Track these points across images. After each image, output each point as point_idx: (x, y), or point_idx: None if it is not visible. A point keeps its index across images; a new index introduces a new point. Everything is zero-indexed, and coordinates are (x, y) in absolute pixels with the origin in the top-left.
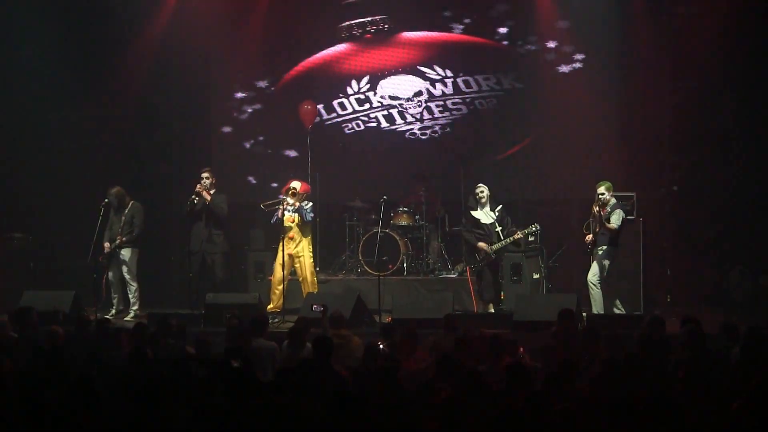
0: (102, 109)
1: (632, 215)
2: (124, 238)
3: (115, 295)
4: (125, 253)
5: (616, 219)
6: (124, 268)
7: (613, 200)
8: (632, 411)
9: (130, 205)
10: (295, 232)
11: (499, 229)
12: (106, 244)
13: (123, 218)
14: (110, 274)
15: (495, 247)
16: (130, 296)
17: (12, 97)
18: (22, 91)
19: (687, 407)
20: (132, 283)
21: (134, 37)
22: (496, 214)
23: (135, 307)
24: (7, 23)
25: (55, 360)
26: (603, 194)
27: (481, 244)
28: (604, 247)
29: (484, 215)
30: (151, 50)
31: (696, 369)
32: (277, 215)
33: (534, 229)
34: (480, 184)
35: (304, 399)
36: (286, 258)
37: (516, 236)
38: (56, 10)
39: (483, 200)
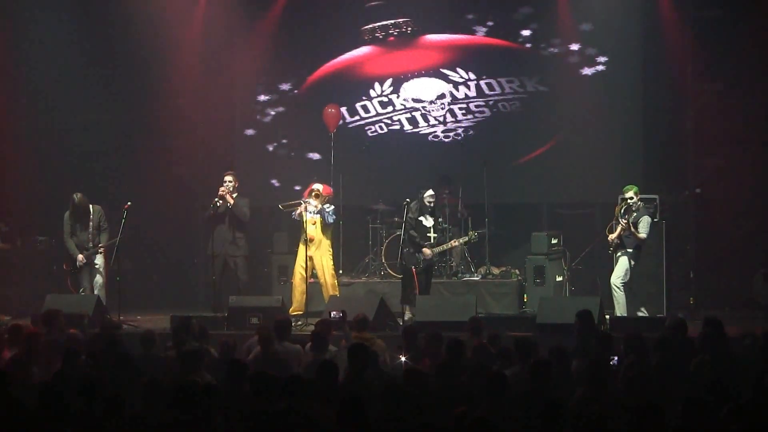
0: (125, 113)
1: (655, 218)
2: (101, 244)
3: None
4: (100, 261)
5: (644, 227)
6: (99, 276)
7: (641, 204)
8: (656, 413)
9: (96, 211)
10: (315, 235)
11: (433, 235)
12: (80, 257)
13: (90, 224)
14: (84, 282)
15: (436, 250)
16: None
17: (36, 100)
18: (45, 95)
19: (710, 409)
20: (102, 289)
21: (159, 41)
22: (437, 221)
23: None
24: (36, 26)
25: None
26: (632, 198)
27: (426, 250)
28: (629, 250)
29: (426, 220)
30: (176, 54)
31: (717, 371)
32: (294, 216)
33: (473, 236)
34: (430, 190)
35: (316, 404)
36: (307, 260)
37: (453, 243)
38: (85, 14)
39: (431, 206)
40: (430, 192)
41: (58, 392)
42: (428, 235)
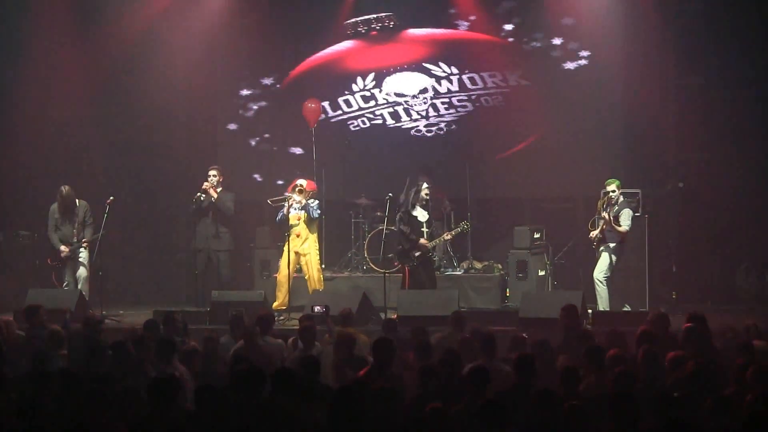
0: (108, 108)
1: (638, 212)
2: (85, 239)
3: None
4: (84, 255)
5: (625, 220)
6: (83, 270)
7: (622, 198)
8: (637, 405)
9: (82, 205)
10: (301, 230)
11: (426, 230)
12: (63, 248)
13: (76, 218)
14: (68, 276)
15: (431, 244)
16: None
17: (17, 95)
18: (27, 91)
19: (693, 402)
20: (86, 283)
21: (141, 36)
22: (430, 216)
23: None
24: (20, 22)
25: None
26: (614, 191)
27: (423, 241)
28: (611, 244)
29: (421, 214)
30: (157, 48)
31: (700, 365)
32: (283, 212)
33: (465, 226)
34: (425, 184)
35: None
36: (292, 255)
37: (445, 237)
38: (62, 8)
39: (426, 200)
40: (427, 185)
41: (31, 389)
42: (422, 230)
